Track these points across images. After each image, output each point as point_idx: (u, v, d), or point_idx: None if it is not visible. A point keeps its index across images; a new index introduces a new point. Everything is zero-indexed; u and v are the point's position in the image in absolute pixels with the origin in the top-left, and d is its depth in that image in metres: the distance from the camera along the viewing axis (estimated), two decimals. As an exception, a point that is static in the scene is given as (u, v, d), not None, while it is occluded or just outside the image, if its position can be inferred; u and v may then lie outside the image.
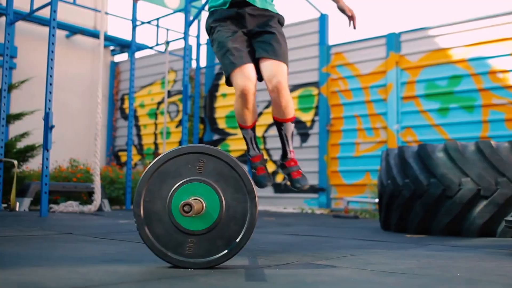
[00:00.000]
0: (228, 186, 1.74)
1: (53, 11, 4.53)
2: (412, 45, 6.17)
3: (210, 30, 2.54)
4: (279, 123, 2.52)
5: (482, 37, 5.68)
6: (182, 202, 1.57)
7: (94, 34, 8.92)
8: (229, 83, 2.43)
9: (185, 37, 5.49)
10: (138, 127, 8.95)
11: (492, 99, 5.59)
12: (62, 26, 8.30)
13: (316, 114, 6.89)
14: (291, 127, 2.51)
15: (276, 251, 2.31)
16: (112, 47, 9.65)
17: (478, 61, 5.68)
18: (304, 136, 6.97)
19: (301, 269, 1.76)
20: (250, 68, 2.35)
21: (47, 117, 4.43)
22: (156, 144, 8.67)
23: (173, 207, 1.70)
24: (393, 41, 6.26)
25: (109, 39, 9.19)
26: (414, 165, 3.54)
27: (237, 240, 1.72)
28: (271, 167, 7.18)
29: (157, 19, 6.47)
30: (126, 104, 9.37)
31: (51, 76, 4.47)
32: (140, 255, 2.03)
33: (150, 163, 1.74)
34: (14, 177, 5.14)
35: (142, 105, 8.91)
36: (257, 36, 2.46)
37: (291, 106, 2.46)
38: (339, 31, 16.14)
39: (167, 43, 5.92)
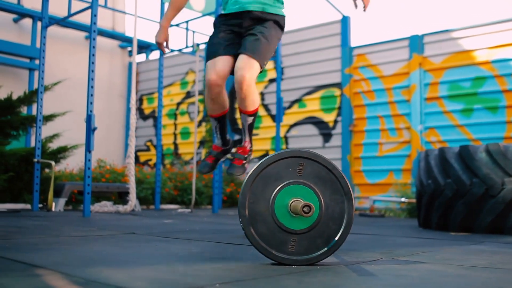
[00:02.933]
0: (326, 188, 1.85)
1: (94, 15, 4.63)
2: (435, 47, 6.29)
3: (214, 27, 2.84)
4: (240, 113, 2.71)
5: (506, 39, 5.80)
6: (303, 203, 1.68)
7: (113, 35, 9.02)
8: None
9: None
10: (157, 128, 9.04)
11: (516, 100, 5.72)
12: (82, 27, 8.39)
13: (338, 114, 7.00)
14: (248, 120, 2.68)
15: (348, 249, 2.42)
16: (129, 48, 9.75)
17: (502, 63, 5.80)
18: (327, 136, 7.08)
19: (394, 264, 1.88)
20: (221, 61, 2.62)
21: (89, 119, 4.53)
22: (175, 144, 8.77)
23: (276, 207, 1.82)
24: (416, 43, 6.38)
25: (127, 40, 9.30)
26: (456, 166, 3.66)
27: (336, 238, 1.83)
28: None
29: (187, 21, 6.57)
30: (145, 105, 9.47)
31: (92, 79, 4.57)
32: (225, 253, 2.14)
33: (252, 167, 1.85)
34: (51, 178, 5.24)
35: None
36: (244, 36, 2.71)
37: (251, 99, 2.62)
38: (361, 33, 16.30)
39: (197, 45, 6.02)
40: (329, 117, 7.09)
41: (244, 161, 2.63)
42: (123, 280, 1.42)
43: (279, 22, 2.77)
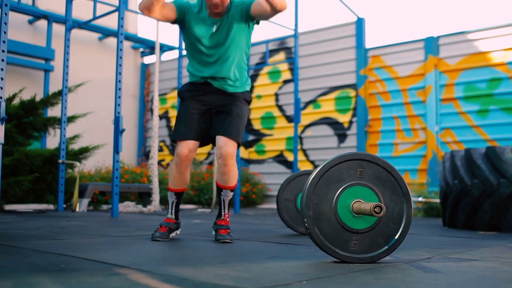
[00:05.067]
0: (386, 189, 1.93)
1: (121, 18, 4.70)
2: (451, 49, 6.38)
3: (181, 96, 2.87)
4: (219, 188, 2.76)
5: (521, 41, 5.90)
6: (374, 204, 1.76)
7: (127, 37, 9.09)
8: (173, 142, 2.80)
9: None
10: (170, 128, 9.13)
11: (531, 101, 5.80)
12: (96, 29, 8.46)
13: (353, 115, 7.08)
14: (229, 195, 2.75)
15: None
16: (141, 49, 9.82)
17: (518, 65, 5.90)
18: (342, 137, 7.17)
19: (449, 262, 1.96)
20: (193, 142, 2.70)
21: (117, 121, 4.60)
22: (189, 145, 8.83)
23: (339, 208, 1.90)
24: (431, 44, 6.46)
25: (139, 41, 9.37)
26: (483, 166, 3.75)
27: (396, 237, 1.92)
28: (307, 167, 7.38)
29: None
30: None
31: (119, 81, 4.64)
32: (283, 252, 2.22)
33: (315, 169, 1.94)
34: (76, 178, 5.32)
35: (174, 107, 9.08)
36: (215, 115, 2.77)
37: (233, 176, 2.70)
38: (376, 35, 16.45)
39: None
40: (344, 118, 7.17)
41: (229, 230, 2.71)
42: (211, 278, 1.49)
43: (246, 99, 2.85)
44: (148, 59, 9.98)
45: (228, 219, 2.78)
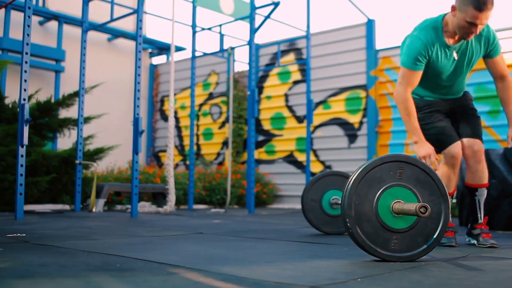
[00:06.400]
0: (424, 190, 1.99)
1: (139, 20, 4.75)
2: (461, 50, 6.43)
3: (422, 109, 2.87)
4: (473, 189, 2.75)
5: (532, 42, 5.96)
6: (419, 204, 1.82)
7: (135, 37, 9.14)
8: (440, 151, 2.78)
9: (250, 43, 5.72)
10: (179, 128, 9.18)
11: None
12: (108, 30, 8.52)
13: (364, 116, 7.14)
14: (484, 193, 2.75)
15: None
16: (150, 50, 9.87)
17: (529, 66, 5.95)
18: (352, 137, 7.22)
19: (486, 260, 2.01)
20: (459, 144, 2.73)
21: (136, 122, 4.65)
22: (198, 145, 8.90)
23: (379, 208, 1.96)
24: (442, 45, 6.51)
25: (148, 42, 9.42)
26: (501, 167, 3.81)
27: (434, 236, 1.97)
28: (318, 167, 7.43)
29: (220, 25, 6.69)
30: (166, 106, 9.59)
31: (139, 83, 4.69)
32: (318, 251, 2.28)
33: (356, 171, 1.99)
34: (93, 179, 5.37)
35: (183, 107, 9.14)
36: (460, 114, 2.86)
37: (486, 173, 2.73)
38: (386, 36, 16.50)
39: (232, 49, 6.15)
40: (354, 119, 7.23)
41: (490, 234, 2.69)
42: (267, 277, 1.55)
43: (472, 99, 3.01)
44: (156, 60, 10.04)
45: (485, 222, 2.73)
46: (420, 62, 2.65)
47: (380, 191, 1.96)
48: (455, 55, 2.69)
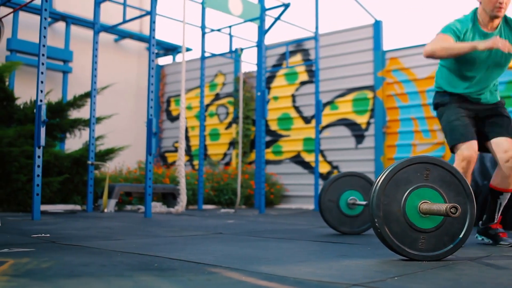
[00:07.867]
0: (450, 191, 2.03)
1: (153, 22, 4.79)
2: (469, 51, 6.47)
3: (446, 104, 2.85)
4: (498, 192, 2.76)
5: (539, 43, 5.99)
6: (449, 204, 1.86)
7: (142, 38, 9.19)
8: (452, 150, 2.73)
9: (260, 44, 5.77)
10: (185, 129, 9.21)
11: (549, 102, 5.90)
12: (117, 31, 8.55)
13: (371, 116, 7.19)
14: (507, 197, 2.77)
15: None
16: (156, 50, 9.89)
17: (536, 67, 5.99)
18: (360, 138, 7.27)
19: (510, 260, 2.06)
20: (475, 143, 2.65)
21: (149, 123, 4.69)
22: (204, 146, 8.94)
23: (407, 208, 2.00)
24: (449, 47, 6.55)
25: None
26: (513, 167, 3.85)
27: (461, 236, 2.02)
28: (325, 168, 7.48)
29: (230, 26, 6.74)
30: (172, 106, 9.63)
31: (152, 84, 4.73)
32: (344, 251, 2.32)
33: (384, 172, 2.03)
34: (106, 179, 5.41)
35: (189, 107, 9.17)
36: (488, 117, 2.80)
37: None
38: (393, 37, 16.52)
39: (241, 50, 6.19)
40: (361, 119, 7.27)
41: (506, 233, 2.73)
42: (307, 275, 1.59)
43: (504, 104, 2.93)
44: (162, 60, 10.08)
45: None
46: (454, 32, 2.67)
47: (408, 191, 2.01)
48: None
